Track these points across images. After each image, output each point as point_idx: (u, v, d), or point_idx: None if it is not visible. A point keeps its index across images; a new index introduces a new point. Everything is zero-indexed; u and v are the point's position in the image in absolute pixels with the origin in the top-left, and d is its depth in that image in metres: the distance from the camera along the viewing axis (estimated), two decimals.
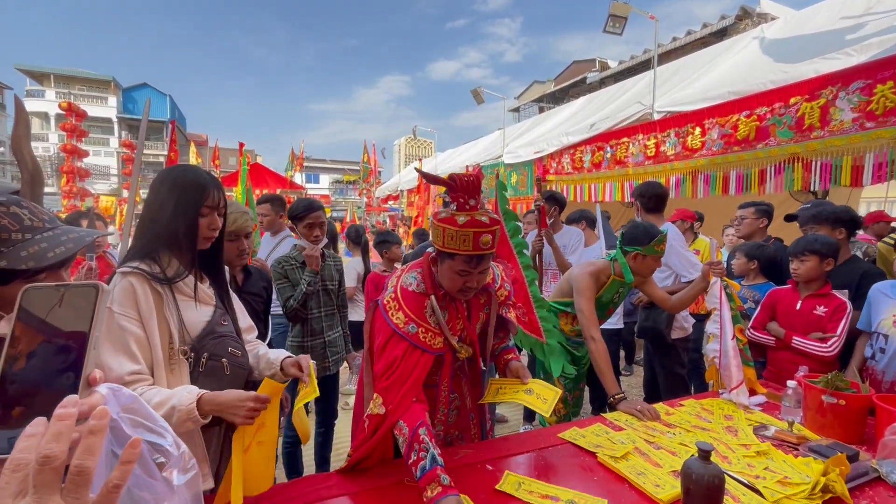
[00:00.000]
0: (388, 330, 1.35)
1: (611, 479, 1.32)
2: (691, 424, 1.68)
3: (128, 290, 1.09)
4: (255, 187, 12.48)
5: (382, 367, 1.32)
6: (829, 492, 1.21)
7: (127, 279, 1.10)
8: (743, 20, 9.16)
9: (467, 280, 1.32)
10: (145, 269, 1.12)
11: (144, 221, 1.19)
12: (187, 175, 1.21)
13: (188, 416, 1.03)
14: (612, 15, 5.14)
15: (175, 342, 1.13)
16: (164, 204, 1.17)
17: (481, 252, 1.27)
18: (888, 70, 2.80)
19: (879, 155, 2.86)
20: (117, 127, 30.29)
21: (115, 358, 1.05)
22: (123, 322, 1.07)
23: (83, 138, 10.22)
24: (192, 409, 1.03)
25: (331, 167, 37.90)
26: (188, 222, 1.18)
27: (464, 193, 1.28)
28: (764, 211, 3.31)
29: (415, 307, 1.36)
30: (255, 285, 2.11)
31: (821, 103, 3.11)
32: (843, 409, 1.57)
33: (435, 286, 1.39)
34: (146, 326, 1.09)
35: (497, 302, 1.52)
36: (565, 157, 5.75)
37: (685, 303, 2.33)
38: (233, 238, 1.88)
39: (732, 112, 3.71)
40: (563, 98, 15.84)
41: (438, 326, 1.36)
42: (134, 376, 1.05)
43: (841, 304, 2.10)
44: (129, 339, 1.07)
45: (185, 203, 1.17)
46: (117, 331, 1.06)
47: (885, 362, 1.88)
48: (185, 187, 1.19)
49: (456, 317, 1.42)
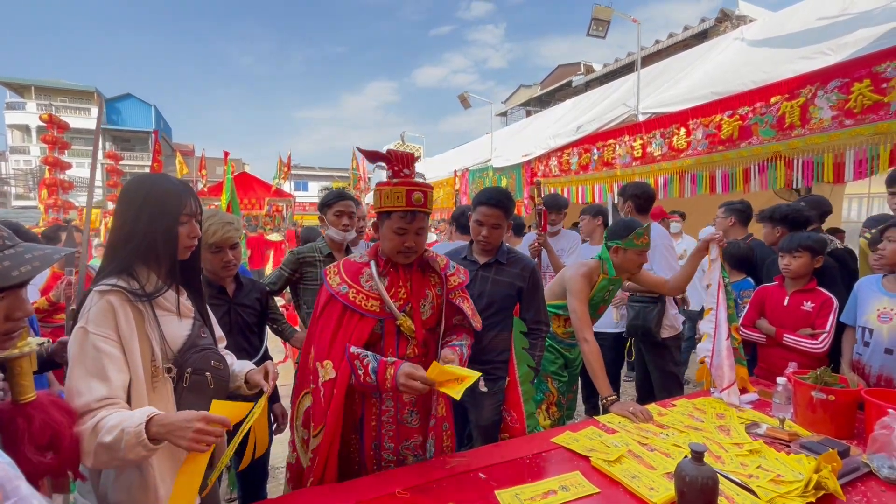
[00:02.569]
0: (325, 294, 1.46)
1: (605, 483, 1.31)
2: (684, 425, 1.68)
3: (106, 310, 1.04)
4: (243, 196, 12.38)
5: (324, 331, 1.40)
6: (821, 489, 1.21)
7: (105, 298, 1.05)
8: (723, 22, 9.34)
9: (405, 239, 1.40)
10: (123, 285, 1.08)
11: (118, 235, 1.14)
12: (161, 184, 1.17)
13: (136, 439, 0.93)
14: (594, 19, 5.20)
15: (157, 359, 1.09)
16: (138, 216, 1.13)
17: (414, 208, 1.38)
18: (864, 69, 2.86)
19: (859, 152, 2.92)
20: (101, 138, 29.87)
21: (87, 383, 1.00)
22: (100, 343, 1.02)
23: (66, 150, 10.05)
24: (141, 432, 0.93)
25: (320, 174, 37.73)
26: (167, 233, 1.14)
27: (398, 163, 1.41)
28: (735, 210, 3.33)
29: (351, 273, 1.46)
30: (248, 297, 2.02)
31: (800, 102, 3.17)
32: (832, 405, 1.58)
33: (378, 256, 1.49)
34: (126, 347, 1.05)
35: (447, 286, 1.52)
36: (553, 159, 5.78)
37: (684, 280, 2.32)
38: (215, 250, 1.80)
39: (716, 112, 3.76)
40: (549, 101, 15.97)
41: (376, 291, 1.42)
42: (103, 402, 0.99)
43: (827, 299, 2.13)
44: (104, 361, 1.02)
45: (161, 213, 1.13)
46: (92, 353, 1.01)
47: (870, 355, 1.91)
48: (161, 197, 1.14)
49: (398, 285, 1.46)
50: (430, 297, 1.51)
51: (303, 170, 35.25)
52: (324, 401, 1.35)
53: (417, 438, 1.50)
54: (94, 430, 0.96)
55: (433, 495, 1.26)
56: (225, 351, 1.41)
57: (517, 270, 2.03)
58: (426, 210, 1.42)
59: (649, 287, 2.49)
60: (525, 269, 2.04)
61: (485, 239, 1.98)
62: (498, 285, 2.02)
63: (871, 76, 2.82)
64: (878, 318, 1.90)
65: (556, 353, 2.49)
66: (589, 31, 5.33)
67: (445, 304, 1.52)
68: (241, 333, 1.93)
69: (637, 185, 3.12)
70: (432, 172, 9.21)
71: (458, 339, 1.56)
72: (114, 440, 0.94)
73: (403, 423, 1.48)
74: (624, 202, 3.06)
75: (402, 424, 1.48)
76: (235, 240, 1.85)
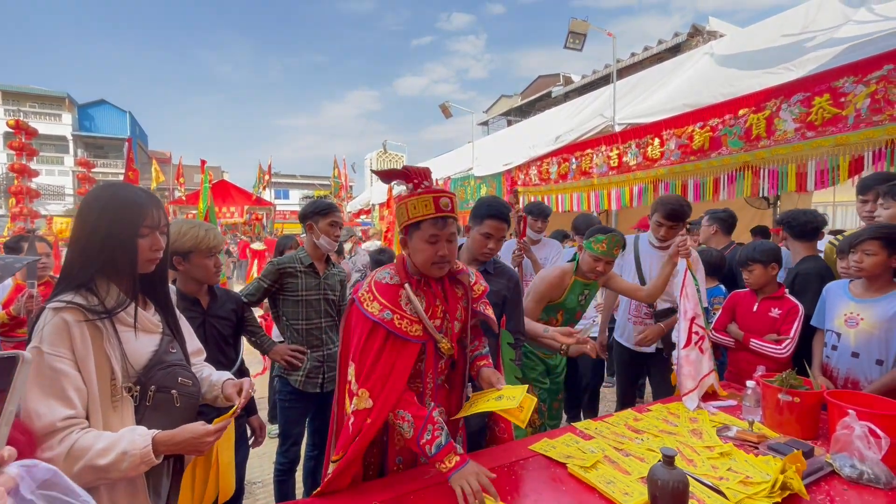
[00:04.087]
0: (365, 322, 1.33)
1: (581, 490, 1.32)
2: (658, 429, 1.71)
3: (60, 328, 1.00)
4: (222, 204, 12.15)
5: (365, 361, 1.30)
6: (787, 489, 1.24)
7: (59, 316, 1.00)
8: (694, 37, 9.69)
9: (438, 248, 1.34)
10: (80, 302, 1.03)
11: (75, 248, 1.09)
12: (120, 194, 1.12)
13: (142, 459, 0.98)
14: (571, 32, 5.34)
15: (118, 378, 1.05)
16: (96, 227, 1.08)
17: (444, 213, 1.33)
18: (824, 84, 3.00)
19: (821, 162, 3.05)
20: (72, 145, 28.98)
21: (46, 403, 0.96)
22: (56, 364, 0.98)
23: (33, 157, 9.72)
24: (148, 453, 0.98)
25: (301, 182, 37.37)
26: (126, 246, 1.09)
27: (417, 177, 1.38)
28: (718, 219, 3.41)
29: (389, 297, 1.35)
30: (223, 308, 1.99)
31: (766, 115, 3.31)
32: (797, 407, 1.64)
33: (408, 275, 1.40)
34: (81, 366, 1.01)
35: (472, 295, 1.51)
36: (533, 168, 5.87)
37: (658, 289, 2.39)
38: (210, 254, 1.83)
39: (688, 123, 3.89)
40: (529, 111, 16.23)
41: (416, 314, 1.35)
42: (67, 422, 0.96)
43: (794, 306, 2.21)
44: (62, 381, 0.98)
45: (120, 225, 1.09)
46: (49, 373, 0.97)
47: (838, 359, 1.98)
48: (120, 208, 1.10)
49: (434, 303, 1.40)
50: (458, 310, 1.48)
51: (283, 178, 34.87)
52: (352, 429, 1.27)
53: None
54: (70, 454, 0.93)
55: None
56: (204, 363, 1.39)
57: (503, 281, 2.05)
58: (455, 216, 1.37)
59: (624, 293, 2.56)
60: (510, 280, 2.07)
61: (490, 251, 1.98)
62: (487, 294, 2.06)
63: (831, 91, 2.96)
64: (845, 323, 1.96)
65: (536, 359, 2.51)
66: (566, 43, 5.47)
67: (471, 313, 1.50)
68: (216, 345, 1.90)
69: (724, 211, 3.29)
70: None
71: (480, 345, 1.57)
72: (111, 462, 0.95)
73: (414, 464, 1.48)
74: (710, 224, 3.16)
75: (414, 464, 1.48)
76: (221, 246, 1.90)
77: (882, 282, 1.89)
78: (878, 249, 1.84)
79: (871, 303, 1.89)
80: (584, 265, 2.27)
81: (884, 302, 1.86)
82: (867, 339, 1.88)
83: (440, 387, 1.50)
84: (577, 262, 2.32)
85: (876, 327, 1.86)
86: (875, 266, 1.86)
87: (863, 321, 1.90)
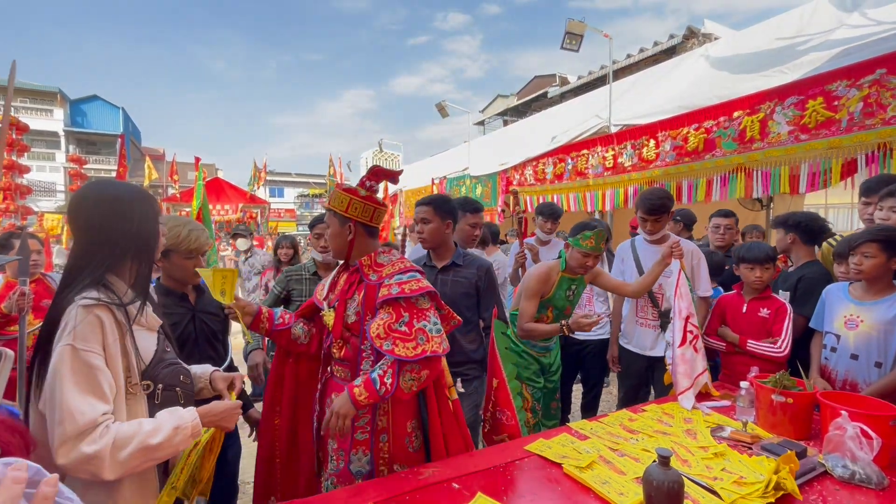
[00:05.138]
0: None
1: (576, 490, 1.33)
2: (653, 430, 1.72)
3: (95, 325, 1.00)
4: (216, 202, 12.05)
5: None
6: (780, 489, 1.25)
7: (93, 313, 1.00)
8: (690, 39, 9.74)
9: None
10: (107, 300, 1.04)
11: (92, 245, 1.09)
12: (133, 189, 1.17)
13: (193, 431, 1.08)
14: (568, 32, 5.35)
15: (134, 374, 1.07)
16: (117, 223, 1.09)
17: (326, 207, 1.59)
18: (818, 87, 3.03)
19: (813, 165, 3.08)
20: (64, 141, 28.67)
21: (85, 400, 0.96)
22: (92, 360, 0.98)
23: (24, 153, 9.59)
24: (198, 424, 1.08)
25: (296, 181, 37.20)
26: (154, 238, 1.14)
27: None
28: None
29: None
30: (210, 304, 1.96)
31: (760, 117, 3.33)
32: (791, 407, 1.65)
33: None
34: (110, 363, 1.02)
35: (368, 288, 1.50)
36: (528, 168, 5.88)
37: (645, 286, 2.42)
38: (190, 256, 1.80)
39: (683, 125, 3.92)
40: (526, 112, 16.25)
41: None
42: (106, 417, 0.98)
43: (781, 305, 2.22)
44: (98, 377, 0.99)
45: (147, 218, 1.13)
46: (85, 370, 0.97)
47: (836, 361, 1.98)
48: (142, 202, 1.14)
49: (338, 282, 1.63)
50: (356, 300, 1.52)
51: (278, 176, 34.68)
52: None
53: (333, 442, 1.52)
54: (115, 443, 0.96)
55: None
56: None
57: (473, 270, 2.19)
58: (333, 209, 1.55)
59: (611, 290, 2.59)
60: (480, 269, 2.20)
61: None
62: (457, 286, 2.17)
63: (824, 94, 2.99)
64: (844, 325, 1.96)
65: (530, 358, 2.51)
66: (563, 44, 5.49)
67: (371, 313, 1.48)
68: (206, 341, 1.89)
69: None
70: (410, 180, 9.21)
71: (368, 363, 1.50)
72: (165, 439, 1.02)
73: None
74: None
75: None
76: (206, 247, 1.87)
77: (882, 284, 1.90)
78: (877, 252, 1.84)
79: (871, 305, 1.90)
80: (573, 261, 2.29)
81: (884, 304, 1.87)
82: (866, 341, 1.88)
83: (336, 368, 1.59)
84: (563, 259, 2.34)
85: (875, 329, 1.86)
86: (874, 268, 1.86)
87: (862, 323, 1.90)
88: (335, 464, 1.52)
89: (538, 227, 3.54)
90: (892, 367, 1.83)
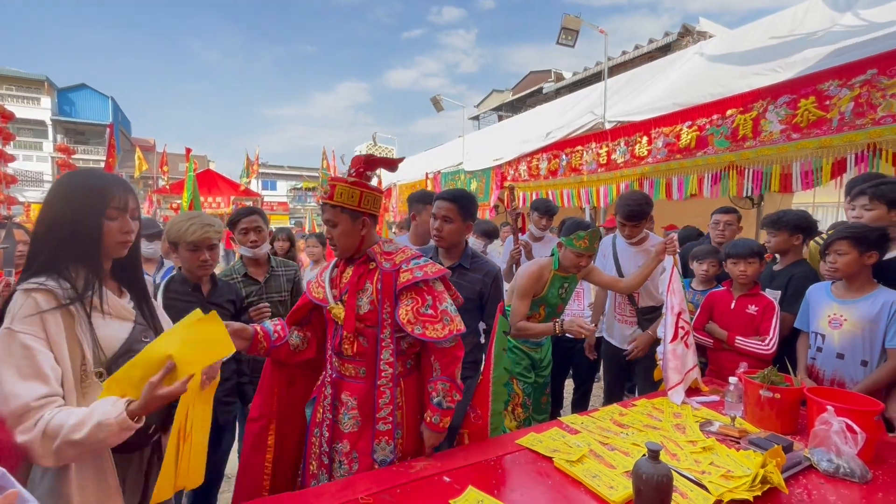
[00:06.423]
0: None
1: (566, 484, 1.34)
2: (643, 424, 1.73)
3: (32, 308, 0.99)
4: (208, 194, 11.92)
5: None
6: (767, 482, 1.27)
7: (31, 297, 0.99)
8: (685, 37, 9.77)
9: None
10: (52, 285, 1.02)
11: (42, 232, 1.09)
12: (86, 179, 1.13)
13: (120, 427, 0.96)
14: (564, 28, 5.33)
15: (89, 363, 1.04)
16: (62, 211, 1.08)
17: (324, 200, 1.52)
18: (810, 86, 3.05)
19: (805, 164, 3.10)
20: (51, 130, 28.14)
21: (19, 383, 0.94)
22: (29, 341, 0.97)
23: (10, 141, 9.40)
24: (124, 420, 0.96)
25: (289, 174, 36.89)
26: (92, 229, 1.09)
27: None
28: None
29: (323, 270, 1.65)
30: (222, 296, 2.03)
31: (753, 115, 3.35)
32: (778, 402, 1.67)
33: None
34: (55, 349, 1.00)
35: (398, 282, 1.47)
36: (523, 164, 5.87)
37: (638, 281, 2.43)
38: (193, 249, 1.86)
39: (676, 122, 3.92)
40: (521, 107, 16.23)
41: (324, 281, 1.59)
42: (42, 401, 0.95)
43: (769, 303, 2.25)
44: (36, 357, 0.97)
45: (86, 208, 1.08)
46: (21, 351, 0.96)
47: (823, 360, 2.00)
48: (85, 191, 1.10)
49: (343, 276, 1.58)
50: (368, 290, 1.49)
51: (271, 168, 34.38)
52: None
53: (345, 444, 1.49)
54: (45, 434, 0.92)
55: (397, 500, 1.25)
56: None
57: (479, 276, 2.05)
58: (334, 203, 1.50)
59: (604, 285, 2.60)
60: (487, 276, 2.06)
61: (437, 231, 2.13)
62: (460, 290, 2.04)
63: (816, 93, 3.01)
64: (829, 325, 1.98)
65: (521, 353, 2.53)
66: (559, 39, 5.46)
67: (390, 300, 1.47)
68: None
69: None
70: (404, 174, 9.17)
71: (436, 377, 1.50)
72: (87, 435, 0.93)
73: (337, 424, 1.51)
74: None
75: (336, 424, 1.51)
76: (214, 241, 1.91)
77: (861, 281, 1.93)
78: (849, 248, 1.88)
79: (854, 303, 1.92)
80: (567, 261, 2.29)
81: (866, 302, 1.89)
82: (851, 339, 1.91)
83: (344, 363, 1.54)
84: (556, 258, 2.34)
85: (859, 328, 1.89)
86: (849, 265, 1.89)
87: (846, 322, 1.92)
88: (346, 468, 1.48)
89: (532, 223, 3.54)
90: (878, 363, 1.86)
